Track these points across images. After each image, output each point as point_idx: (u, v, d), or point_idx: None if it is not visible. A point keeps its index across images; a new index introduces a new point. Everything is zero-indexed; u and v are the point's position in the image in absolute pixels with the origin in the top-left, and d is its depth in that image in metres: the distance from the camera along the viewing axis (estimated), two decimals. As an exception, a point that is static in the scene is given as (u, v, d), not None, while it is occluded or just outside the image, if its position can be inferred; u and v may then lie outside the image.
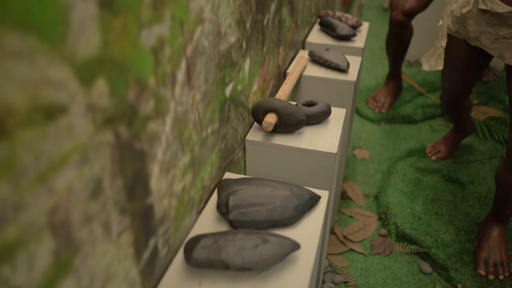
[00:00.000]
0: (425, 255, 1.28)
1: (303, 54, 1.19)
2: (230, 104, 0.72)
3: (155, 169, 0.48)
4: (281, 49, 1.02)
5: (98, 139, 0.37)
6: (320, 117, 0.86)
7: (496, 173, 1.18)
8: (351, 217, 1.42)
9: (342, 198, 1.51)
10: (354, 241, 1.33)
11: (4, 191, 0.28)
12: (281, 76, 1.09)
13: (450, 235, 1.34)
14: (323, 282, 1.22)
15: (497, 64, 2.32)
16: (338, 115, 0.90)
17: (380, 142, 1.80)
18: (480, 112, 1.95)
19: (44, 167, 0.31)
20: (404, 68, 2.30)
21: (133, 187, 0.44)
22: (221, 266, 0.53)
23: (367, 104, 2.01)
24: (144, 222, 0.48)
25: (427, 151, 1.69)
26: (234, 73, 0.71)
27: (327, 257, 1.28)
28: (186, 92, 0.54)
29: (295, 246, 0.56)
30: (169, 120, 0.50)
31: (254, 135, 0.83)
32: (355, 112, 1.99)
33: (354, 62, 1.15)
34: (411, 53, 2.41)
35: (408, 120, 1.92)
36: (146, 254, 0.50)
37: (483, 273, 1.21)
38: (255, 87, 0.86)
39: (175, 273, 0.55)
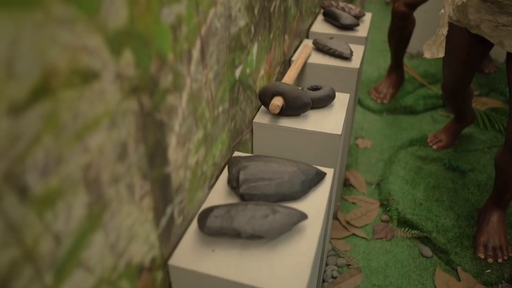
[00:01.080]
0: (425, 240, 1.32)
1: (308, 43, 1.22)
2: (239, 86, 0.75)
3: (172, 141, 0.52)
4: (286, 36, 1.06)
5: (124, 106, 0.41)
6: (325, 101, 0.89)
7: (496, 159, 1.21)
8: (353, 203, 1.46)
9: (345, 185, 1.54)
10: (356, 226, 1.37)
11: (48, 144, 0.32)
12: (286, 63, 1.12)
13: (450, 221, 1.37)
14: (326, 264, 1.25)
15: (498, 56, 2.34)
16: (342, 99, 0.94)
17: (382, 132, 1.83)
18: (481, 103, 1.98)
19: (80, 126, 0.35)
20: (406, 60, 2.32)
21: (154, 155, 0.48)
22: (233, 234, 0.57)
23: (369, 95, 2.04)
24: (162, 190, 0.51)
25: (428, 140, 1.72)
26: (243, 56, 0.74)
27: (330, 241, 1.32)
28: (200, 70, 0.57)
29: (303, 216, 0.59)
30: (185, 95, 0.53)
31: (261, 118, 0.86)
32: (358, 103, 2.02)
33: (357, 51, 1.18)
34: (413, 45, 2.43)
35: (410, 111, 1.95)
36: (163, 221, 0.53)
37: (482, 257, 1.24)
38: (262, 72, 0.89)
39: (189, 241, 0.59)
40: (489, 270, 1.21)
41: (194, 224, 0.61)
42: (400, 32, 1.77)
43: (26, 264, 0.31)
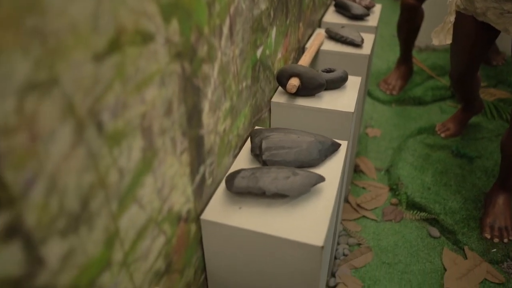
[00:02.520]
0: (433, 221, 1.37)
1: (320, 31, 1.28)
2: (260, 65, 0.81)
3: (206, 106, 0.58)
4: (300, 24, 1.12)
5: (171, 68, 0.47)
6: (338, 83, 0.95)
7: (501, 143, 1.26)
8: (363, 188, 1.51)
9: (355, 171, 1.60)
10: (366, 209, 1.42)
11: (118, 91, 0.38)
12: (300, 50, 1.18)
13: (457, 204, 1.42)
14: (338, 243, 1.31)
15: (506, 48, 2.38)
16: (354, 81, 1.00)
17: (391, 122, 1.88)
18: (489, 94, 2.02)
19: (139, 80, 0.41)
20: (414, 53, 2.37)
21: (191, 116, 0.54)
22: (258, 192, 0.63)
23: (379, 87, 2.09)
24: (197, 149, 0.58)
25: (436, 129, 1.77)
26: (264, 38, 0.80)
27: (341, 222, 1.37)
28: (229, 45, 0.63)
29: (321, 178, 0.66)
30: (216, 66, 0.60)
31: (278, 98, 0.92)
32: (367, 94, 2.07)
33: (368, 39, 1.24)
34: (422, 39, 2.48)
35: (419, 102, 1.99)
36: (197, 178, 0.60)
37: (489, 237, 1.29)
38: (279, 55, 0.95)
39: (218, 199, 0.65)
40: (495, 249, 1.26)
41: (222, 186, 0.68)
42: (409, 24, 1.82)
43: (99, 189, 0.38)
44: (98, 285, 0.40)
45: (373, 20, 1.36)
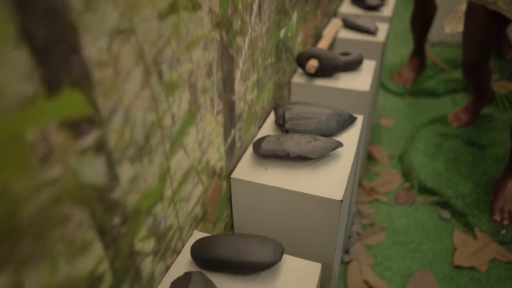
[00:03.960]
0: (445, 205, 1.42)
1: (337, 20, 1.34)
2: (282, 46, 0.88)
3: (237, 75, 0.66)
4: (318, 12, 1.18)
5: (212, 35, 0.54)
6: (354, 65, 1.02)
7: (510, 128, 1.31)
8: (376, 174, 1.57)
9: (369, 159, 1.65)
10: (379, 193, 1.48)
11: (173, 47, 0.46)
12: (318, 37, 1.25)
13: (468, 188, 1.47)
14: (352, 224, 1.37)
15: (519, 44, 2.40)
16: (369, 65, 1.06)
17: (404, 113, 1.93)
18: (501, 86, 2.06)
19: (189, 41, 0.49)
20: (428, 48, 2.41)
21: (226, 82, 0.62)
22: (283, 154, 0.70)
23: (392, 80, 2.14)
24: (229, 113, 0.65)
25: (449, 118, 1.81)
26: (286, 20, 0.87)
27: (355, 205, 1.43)
28: (257, 23, 0.70)
29: (339, 144, 0.72)
30: (247, 40, 0.67)
31: (298, 79, 0.99)
32: (381, 86, 2.12)
33: (382, 28, 1.30)
34: (435, 34, 2.52)
35: (431, 94, 2.04)
36: (229, 140, 0.67)
37: (499, 219, 1.33)
38: (299, 39, 1.02)
39: (246, 162, 0.72)
40: (504, 231, 1.31)
41: (249, 151, 0.75)
42: (422, 17, 1.87)
43: (157, 129, 0.45)
44: (153, 213, 0.48)
45: (387, 10, 1.42)
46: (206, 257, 0.52)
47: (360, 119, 0.85)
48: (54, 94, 0.31)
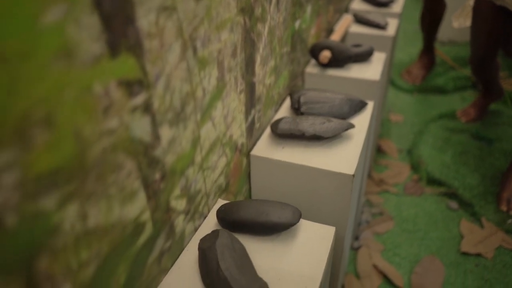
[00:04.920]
0: (452, 196, 1.46)
1: (348, 16, 1.39)
2: (297, 36, 0.94)
3: (258, 59, 0.71)
4: (330, 7, 1.24)
5: (237, 19, 0.60)
6: (364, 56, 1.07)
7: (518, 121, 1.34)
8: (385, 166, 1.61)
9: (378, 152, 1.69)
10: (388, 183, 1.52)
11: (206, 27, 0.51)
12: (330, 31, 1.30)
13: (476, 180, 1.50)
14: (362, 212, 1.42)
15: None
16: (379, 56, 1.11)
17: (413, 109, 1.97)
18: (509, 84, 2.09)
19: (218, 22, 0.55)
20: (437, 46, 2.45)
21: (248, 64, 0.67)
22: (299, 134, 0.75)
23: (402, 78, 2.18)
24: (250, 93, 0.71)
25: (457, 114, 1.85)
26: (301, 13, 0.93)
27: (365, 195, 1.48)
28: (276, 12, 0.76)
29: (351, 125, 0.77)
30: (266, 27, 0.73)
31: (311, 69, 1.05)
32: (390, 83, 2.16)
33: (392, 23, 1.34)
34: (444, 33, 2.55)
35: (440, 91, 2.08)
36: (249, 119, 0.73)
37: (505, 209, 1.37)
38: (312, 32, 1.07)
39: (264, 141, 0.78)
40: (510, 220, 1.34)
41: (266, 132, 0.80)
42: (431, 15, 1.91)
43: (191, 99, 0.51)
44: (186, 175, 0.53)
45: (397, 7, 1.47)
46: (230, 219, 0.57)
47: (370, 104, 0.90)
48: (115, 56, 0.37)
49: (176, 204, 0.52)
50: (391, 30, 1.28)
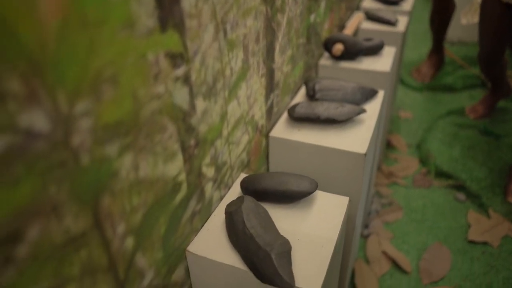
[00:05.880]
0: (460, 188, 1.50)
1: (359, 13, 1.45)
2: (312, 29, 1.00)
3: (277, 47, 0.77)
4: (343, 5, 1.30)
5: (260, 8, 0.66)
6: (375, 49, 1.12)
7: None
8: (395, 160, 1.66)
9: (387, 147, 1.74)
10: (398, 176, 1.57)
11: (234, 12, 0.58)
12: (342, 27, 1.36)
13: (483, 173, 1.54)
14: (371, 203, 1.46)
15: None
16: (389, 50, 1.16)
17: (422, 106, 2.01)
18: (518, 82, 2.12)
19: (245, 9, 0.61)
20: (446, 46, 2.49)
21: (269, 50, 0.73)
22: (314, 117, 0.81)
23: (411, 76, 2.23)
24: (270, 79, 0.77)
25: (466, 110, 1.89)
26: (316, 7, 0.99)
27: (374, 186, 1.53)
28: (293, 4, 0.82)
29: (363, 110, 0.83)
30: (285, 18, 0.79)
31: (325, 61, 1.10)
32: (400, 81, 2.21)
33: (402, 20, 1.40)
34: (453, 33, 2.59)
35: (449, 89, 2.12)
36: (268, 102, 0.79)
37: (512, 201, 1.41)
38: (326, 26, 1.13)
39: (282, 124, 0.84)
40: (517, 211, 1.38)
41: (283, 117, 0.86)
42: (440, 15, 1.95)
43: (221, 76, 0.57)
44: (215, 146, 0.59)
45: (407, 5, 1.52)
46: (253, 188, 0.63)
47: (381, 92, 0.95)
48: (164, 30, 0.43)
49: (206, 170, 0.58)
50: (401, 26, 1.33)
